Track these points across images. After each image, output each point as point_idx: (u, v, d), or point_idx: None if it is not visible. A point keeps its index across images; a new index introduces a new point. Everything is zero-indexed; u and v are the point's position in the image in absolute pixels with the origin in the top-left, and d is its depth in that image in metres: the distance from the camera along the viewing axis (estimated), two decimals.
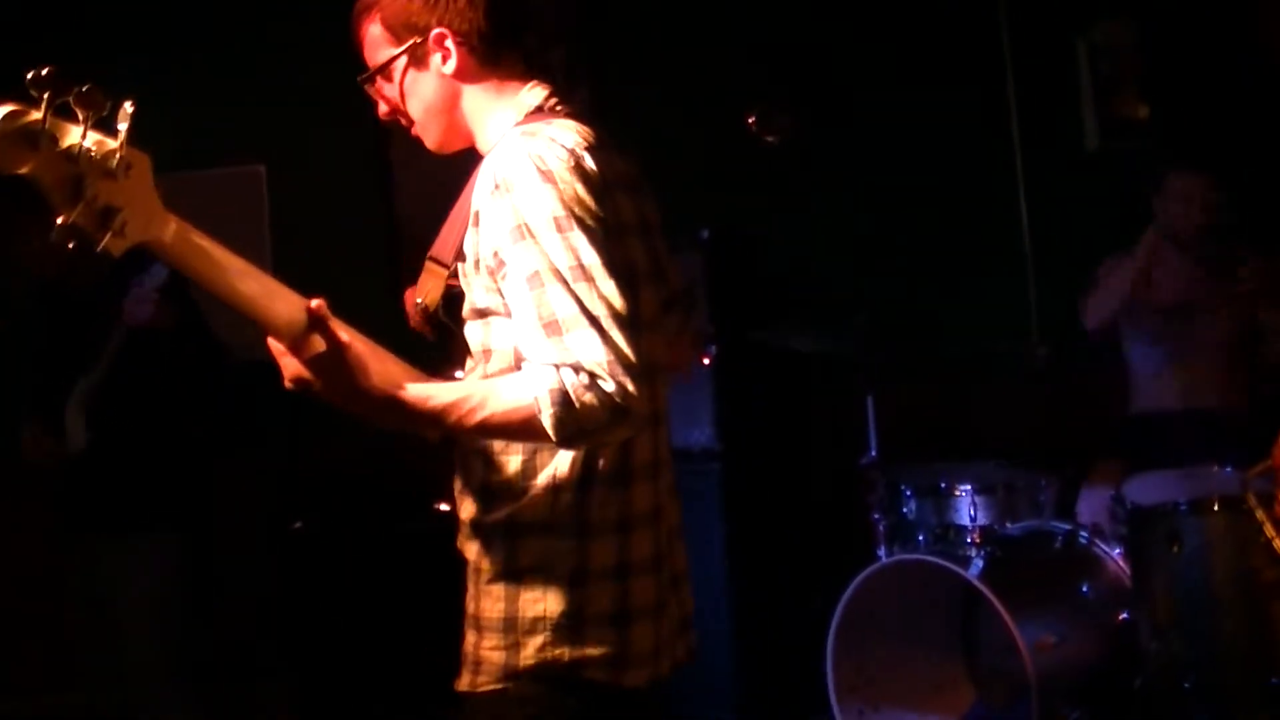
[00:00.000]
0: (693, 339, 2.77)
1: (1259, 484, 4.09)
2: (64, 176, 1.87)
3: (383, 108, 2.52)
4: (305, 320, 2.14)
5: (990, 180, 6.01)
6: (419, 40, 2.41)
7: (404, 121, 2.51)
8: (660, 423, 2.41)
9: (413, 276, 2.46)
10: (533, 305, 2.13)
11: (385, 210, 5.87)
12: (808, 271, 5.78)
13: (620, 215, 2.29)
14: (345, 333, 2.17)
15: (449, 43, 2.41)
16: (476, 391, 2.17)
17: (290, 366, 2.17)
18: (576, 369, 2.07)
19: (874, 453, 4.93)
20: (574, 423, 2.07)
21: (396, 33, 2.42)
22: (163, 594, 4.34)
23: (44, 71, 1.83)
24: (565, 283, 2.12)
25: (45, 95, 1.84)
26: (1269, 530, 4.01)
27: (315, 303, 2.15)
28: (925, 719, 4.80)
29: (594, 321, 2.10)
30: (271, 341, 2.17)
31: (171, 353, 4.24)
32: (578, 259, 2.13)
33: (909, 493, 4.95)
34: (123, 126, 1.93)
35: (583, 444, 2.18)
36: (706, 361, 5.28)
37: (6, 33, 5.57)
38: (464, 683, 2.36)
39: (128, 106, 1.94)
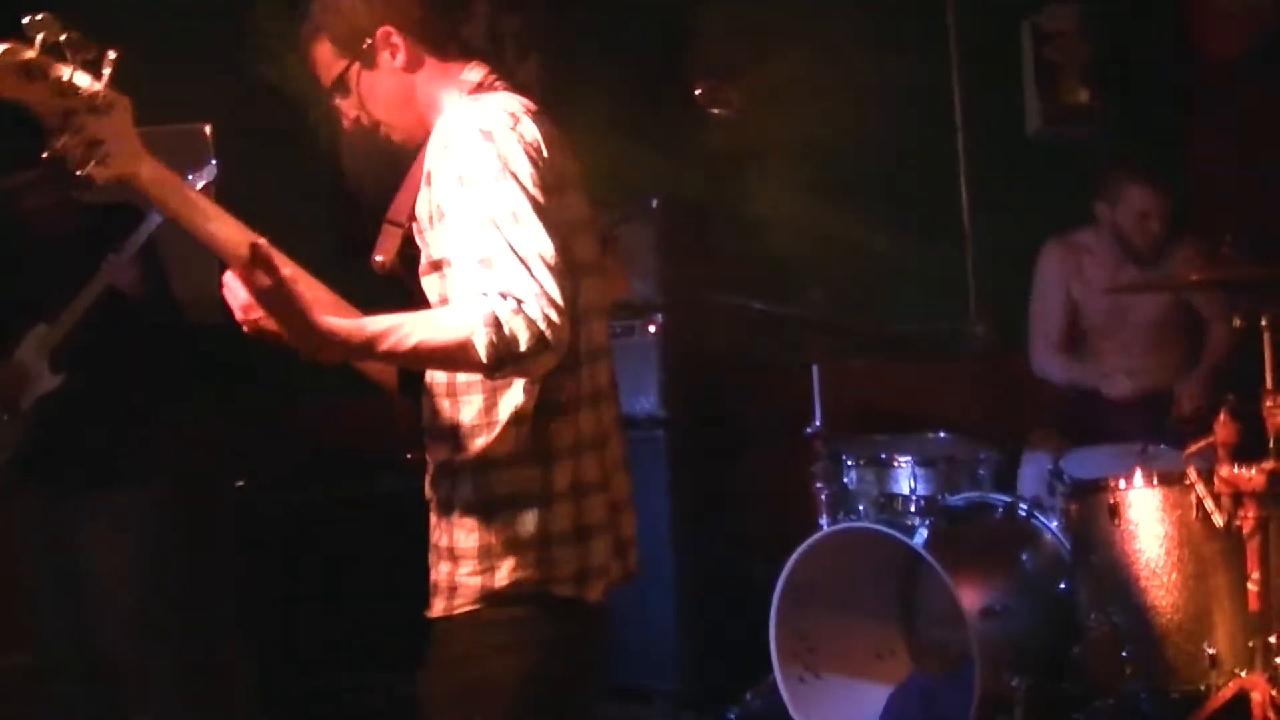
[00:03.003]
0: (624, 271, 3.03)
1: (1199, 460, 4.19)
2: (56, 108, 2.09)
3: (347, 120, 2.71)
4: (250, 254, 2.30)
5: (932, 159, 6.08)
6: (367, 44, 2.61)
7: (368, 126, 2.69)
8: (602, 358, 2.62)
9: (360, 238, 2.68)
10: (468, 244, 2.33)
11: (332, 173, 5.85)
12: (753, 243, 5.83)
13: (560, 171, 2.50)
14: (288, 268, 2.31)
15: (395, 39, 2.61)
16: (411, 319, 2.31)
17: (237, 293, 2.39)
18: (505, 296, 2.25)
19: (819, 423, 4.99)
20: (504, 346, 2.23)
21: (345, 44, 2.63)
22: (142, 552, 4.33)
23: (39, 16, 2.09)
24: (498, 226, 2.32)
25: (39, 36, 2.09)
26: (1209, 505, 4.11)
27: (258, 241, 2.30)
28: (866, 686, 4.86)
29: (522, 260, 2.28)
30: (228, 275, 2.36)
31: (141, 312, 4.24)
32: (510, 207, 2.33)
33: (850, 463, 5.03)
34: (106, 71, 2.17)
35: (510, 370, 2.30)
36: (653, 330, 5.32)
37: None
38: (438, 609, 2.54)
39: (110, 54, 2.17)
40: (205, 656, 4.68)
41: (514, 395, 2.46)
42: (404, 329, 2.28)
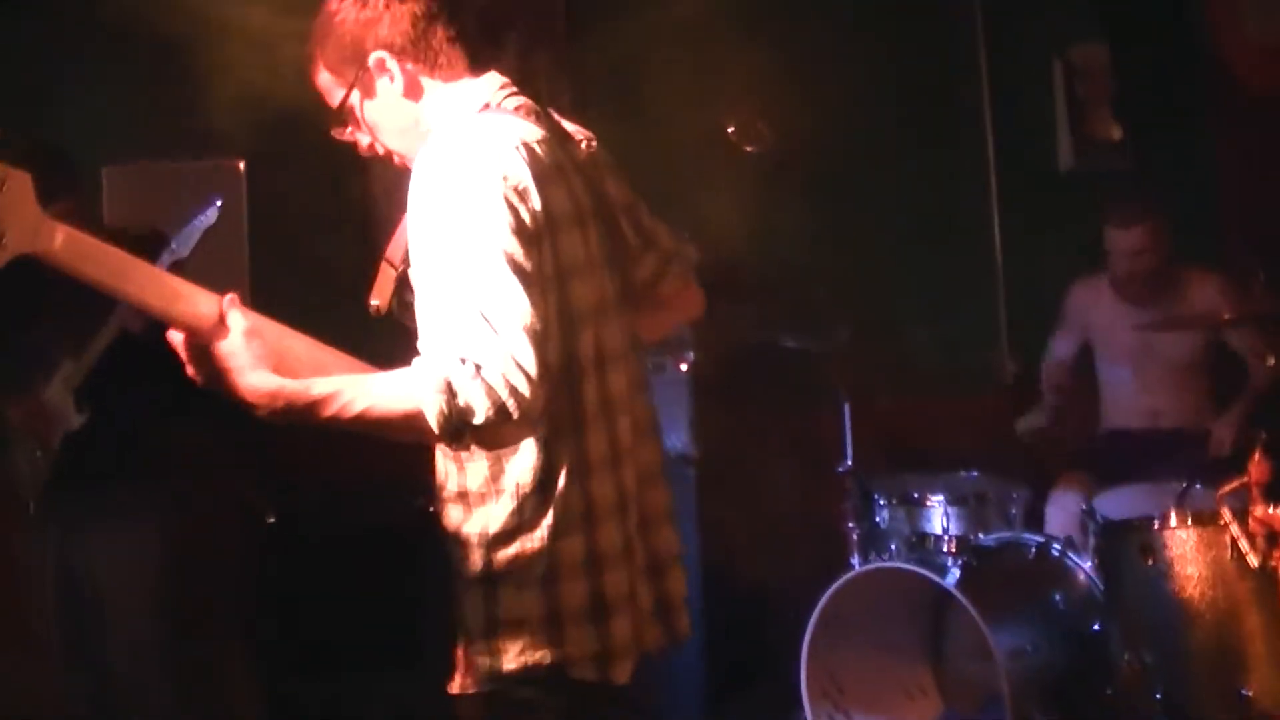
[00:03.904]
0: (696, 286, 2.83)
1: (1232, 500, 4.15)
2: None
3: (361, 147, 2.54)
4: (216, 315, 2.20)
5: (965, 196, 6.08)
6: (361, 70, 2.43)
7: (383, 154, 2.52)
8: (619, 414, 2.40)
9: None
10: (433, 302, 2.17)
11: (363, 207, 5.87)
12: (785, 282, 5.82)
13: (552, 210, 2.27)
14: (247, 324, 2.21)
15: (389, 64, 2.43)
16: (359, 382, 2.20)
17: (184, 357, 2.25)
18: (464, 361, 2.09)
19: (850, 461, 4.98)
20: (457, 415, 2.08)
21: (340, 71, 2.45)
22: (146, 561, 4.35)
23: None
24: (467, 284, 2.13)
25: None
26: (1243, 544, 4.08)
27: (227, 299, 2.21)
28: None
29: (489, 321, 2.11)
30: (171, 334, 2.24)
31: (154, 344, 4.25)
32: (483, 262, 2.14)
33: (882, 502, 5.01)
34: None
35: (467, 440, 2.17)
36: (684, 367, 5.32)
37: None
38: (455, 685, 2.39)
39: None
40: (209, 665, 4.69)
41: (521, 462, 2.28)
42: (349, 393, 2.15)
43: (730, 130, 5.51)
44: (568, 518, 2.30)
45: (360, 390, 2.16)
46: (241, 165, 5.78)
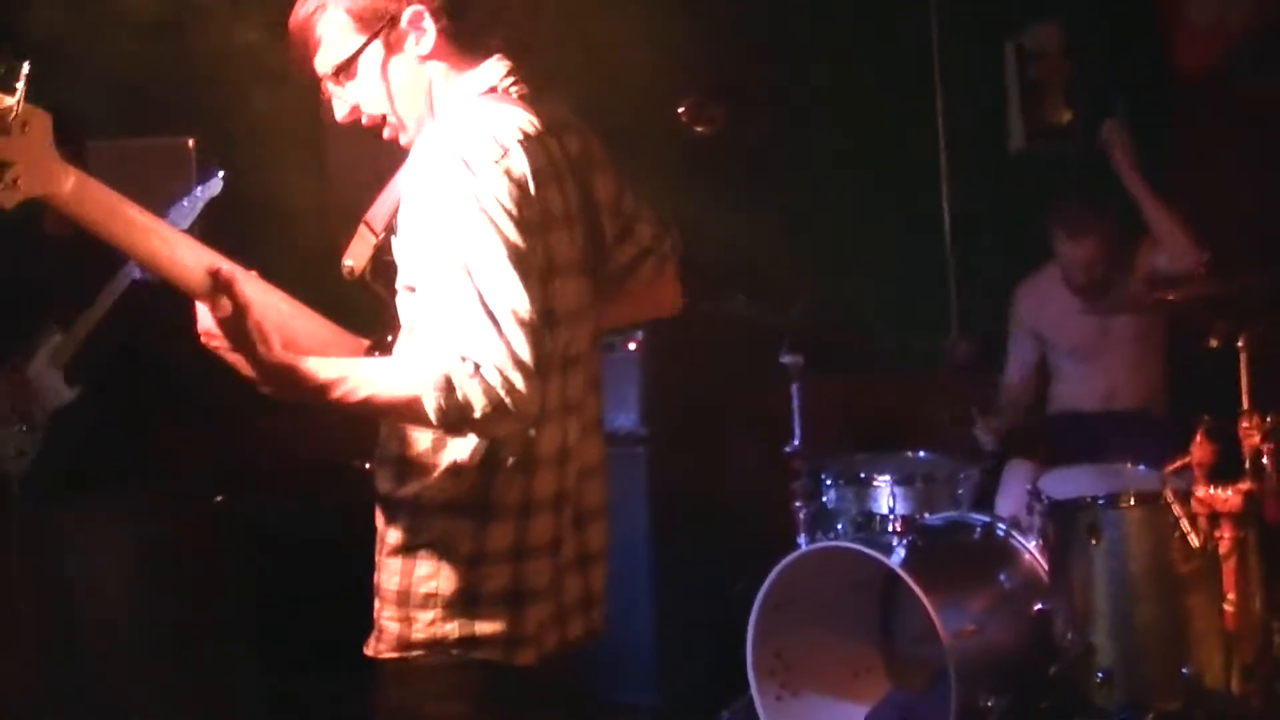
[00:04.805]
0: (673, 281, 2.79)
1: (1176, 480, 4.19)
2: None
3: (341, 109, 2.45)
4: (220, 278, 2.15)
5: (915, 177, 6.09)
6: (392, 22, 2.35)
7: (369, 120, 2.45)
8: (573, 412, 2.41)
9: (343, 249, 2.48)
10: (435, 292, 2.17)
11: (317, 182, 5.83)
12: (735, 260, 5.82)
13: (547, 208, 2.28)
14: (258, 295, 2.20)
15: (425, 20, 2.35)
16: (364, 368, 2.21)
17: (203, 318, 2.24)
18: (464, 359, 2.09)
19: (797, 441, 4.99)
20: (455, 410, 2.09)
21: (365, 20, 2.36)
22: (136, 556, 4.33)
23: None
24: (470, 275, 2.13)
25: None
26: (1185, 525, 4.11)
27: (223, 268, 2.16)
28: (843, 705, 4.86)
29: (490, 316, 2.11)
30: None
31: (156, 321, 4.22)
32: (486, 254, 2.14)
33: (829, 481, 5.03)
34: (19, 86, 1.95)
35: (465, 432, 2.21)
36: (633, 346, 5.32)
37: None
38: (369, 648, 2.41)
39: (24, 67, 1.95)
40: (201, 662, 4.67)
41: (460, 443, 2.29)
42: (354, 379, 2.16)
43: (681, 111, 5.51)
44: (503, 506, 2.32)
45: (365, 378, 2.17)
46: (190, 143, 5.71)
